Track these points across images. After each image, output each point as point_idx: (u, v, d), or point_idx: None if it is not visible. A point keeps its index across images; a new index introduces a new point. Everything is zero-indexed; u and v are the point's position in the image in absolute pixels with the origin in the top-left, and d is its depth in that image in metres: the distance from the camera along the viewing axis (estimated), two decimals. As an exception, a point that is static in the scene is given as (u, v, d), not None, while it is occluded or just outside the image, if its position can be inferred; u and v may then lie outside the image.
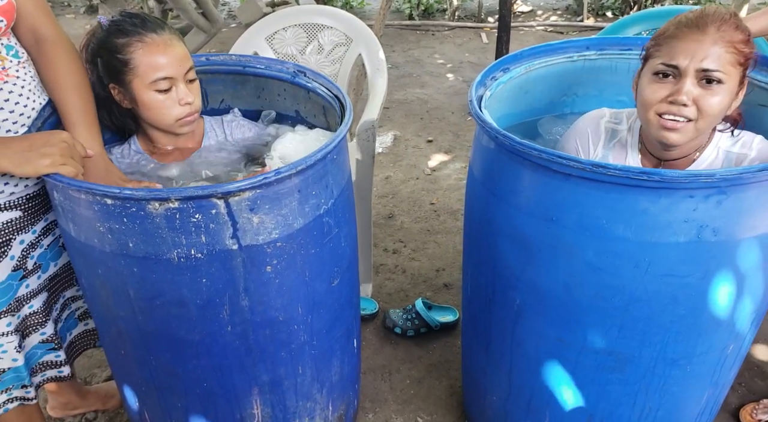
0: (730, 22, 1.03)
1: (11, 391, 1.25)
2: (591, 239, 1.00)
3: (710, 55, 1.01)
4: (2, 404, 1.24)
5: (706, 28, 1.02)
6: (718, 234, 0.95)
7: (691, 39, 1.02)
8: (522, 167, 1.04)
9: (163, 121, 1.23)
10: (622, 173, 0.90)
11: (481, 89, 1.23)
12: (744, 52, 1.03)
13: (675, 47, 1.04)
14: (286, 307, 1.13)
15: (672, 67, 1.04)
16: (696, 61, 1.02)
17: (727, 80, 1.02)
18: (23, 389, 1.27)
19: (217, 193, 0.95)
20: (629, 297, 1.03)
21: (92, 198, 0.96)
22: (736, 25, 1.03)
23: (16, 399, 1.27)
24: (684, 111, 1.03)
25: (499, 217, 1.13)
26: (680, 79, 1.03)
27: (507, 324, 1.23)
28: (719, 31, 1.02)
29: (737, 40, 1.03)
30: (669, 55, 1.04)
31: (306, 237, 1.10)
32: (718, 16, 1.03)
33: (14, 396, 1.26)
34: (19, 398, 1.27)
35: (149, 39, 1.18)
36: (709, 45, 1.01)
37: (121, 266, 1.02)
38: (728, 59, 1.02)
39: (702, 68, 1.02)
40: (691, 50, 1.02)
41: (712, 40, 1.01)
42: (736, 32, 1.03)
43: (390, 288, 2.24)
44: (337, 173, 1.16)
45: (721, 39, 1.01)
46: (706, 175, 0.88)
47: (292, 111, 1.48)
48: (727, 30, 1.02)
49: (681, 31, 1.04)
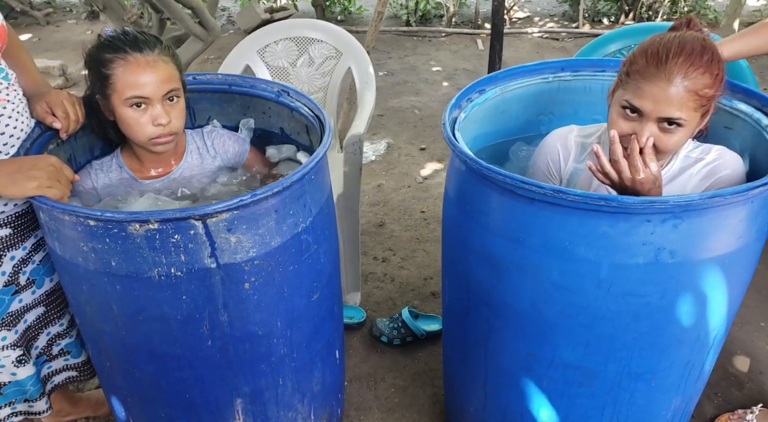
0: (698, 64, 1.03)
1: (14, 405, 1.29)
2: (555, 260, 1.04)
3: (673, 105, 1.04)
4: (5, 418, 1.28)
5: (672, 77, 1.03)
6: (675, 256, 0.99)
7: (657, 85, 1.04)
8: (490, 190, 1.08)
9: (136, 137, 1.26)
10: (580, 199, 0.94)
11: (456, 111, 1.27)
12: (708, 95, 1.05)
13: (641, 89, 1.06)
14: (265, 322, 1.18)
15: (637, 108, 1.07)
16: (658, 110, 1.05)
17: (687, 123, 1.06)
18: (26, 403, 1.30)
19: (195, 214, 0.99)
20: (593, 315, 1.07)
21: (75, 219, 1.00)
22: (705, 67, 1.04)
23: (20, 413, 1.30)
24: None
25: (471, 237, 1.17)
26: (643, 121, 1.07)
27: (481, 338, 1.27)
28: (685, 79, 1.03)
29: (702, 86, 1.04)
30: (634, 95, 1.07)
31: (284, 254, 1.14)
32: (688, 60, 1.03)
33: (17, 411, 1.30)
34: (23, 412, 1.31)
35: (132, 58, 1.21)
36: (673, 95, 1.03)
37: (104, 283, 1.07)
38: (690, 106, 1.04)
39: (664, 117, 1.05)
40: (655, 97, 1.04)
41: (675, 91, 1.03)
42: (702, 77, 1.04)
43: (378, 296, 2.28)
44: (315, 192, 1.20)
45: (685, 89, 1.03)
46: (660, 201, 0.92)
47: (276, 128, 1.52)
48: (692, 77, 1.03)
49: (648, 72, 1.05)
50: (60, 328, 1.35)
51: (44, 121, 1.21)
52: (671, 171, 1.18)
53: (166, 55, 1.27)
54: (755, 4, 5.62)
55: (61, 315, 1.34)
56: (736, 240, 1.01)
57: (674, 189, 1.19)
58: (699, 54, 1.04)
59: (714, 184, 1.14)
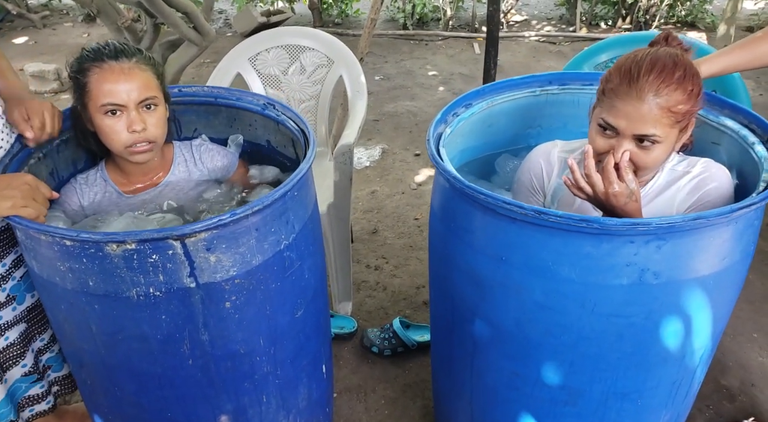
0: (671, 81, 1.03)
1: None
2: (539, 279, 1.03)
3: (646, 123, 1.04)
4: None
5: (644, 95, 1.03)
6: (659, 277, 0.98)
7: (630, 104, 1.04)
8: (473, 208, 1.07)
9: (112, 146, 1.25)
10: (562, 220, 0.93)
11: (441, 126, 1.26)
12: (682, 111, 1.05)
13: (615, 107, 1.06)
14: (247, 340, 1.16)
15: (612, 127, 1.07)
16: (632, 127, 1.05)
17: (664, 139, 1.05)
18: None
19: (173, 234, 0.98)
20: (577, 335, 1.06)
21: (52, 239, 0.99)
22: (678, 83, 1.04)
23: None
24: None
25: (455, 253, 1.16)
26: (619, 138, 1.07)
27: (466, 355, 1.26)
28: (657, 97, 1.03)
29: (675, 103, 1.03)
30: (609, 114, 1.07)
31: (266, 272, 1.13)
32: (659, 77, 1.03)
33: None
34: None
35: (107, 66, 1.21)
36: (645, 113, 1.03)
37: (82, 303, 1.05)
38: (664, 123, 1.04)
39: (638, 134, 1.05)
40: (629, 115, 1.04)
41: (648, 108, 1.03)
42: (675, 93, 1.03)
43: (370, 305, 2.26)
44: (298, 209, 1.19)
45: (657, 106, 1.03)
46: (642, 223, 0.91)
47: (263, 141, 1.51)
48: (664, 94, 1.03)
49: (621, 90, 1.05)
50: (41, 344, 1.34)
51: (17, 126, 1.19)
52: (657, 185, 1.17)
53: (145, 63, 1.26)
54: (752, 8, 5.60)
55: (42, 330, 1.33)
56: (721, 261, 1.00)
57: (661, 203, 1.18)
58: (671, 70, 1.04)
59: (701, 198, 1.13)
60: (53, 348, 1.36)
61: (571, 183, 1.08)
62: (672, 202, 1.15)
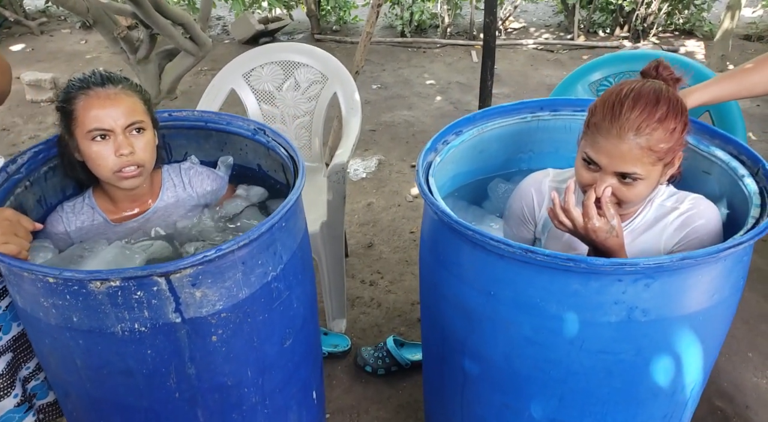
0: (650, 120, 1.02)
1: None
2: (527, 315, 1.02)
3: (627, 161, 1.03)
4: None
5: (623, 134, 1.02)
6: (648, 314, 0.97)
7: (610, 141, 1.03)
8: (462, 243, 1.06)
9: (101, 172, 1.24)
10: (549, 259, 0.92)
11: (431, 155, 1.25)
12: (664, 148, 1.04)
13: (597, 143, 1.05)
14: (234, 372, 1.15)
15: (594, 162, 1.07)
16: (613, 165, 1.04)
17: (646, 176, 1.05)
18: None
19: (158, 272, 0.97)
20: (566, 370, 1.05)
21: (34, 276, 0.98)
22: (658, 123, 1.02)
23: None
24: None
25: (444, 285, 1.15)
26: (601, 173, 1.07)
27: (457, 385, 1.25)
28: (637, 136, 1.02)
29: (656, 142, 1.02)
30: (592, 149, 1.07)
31: (253, 305, 1.12)
32: (639, 116, 1.02)
33: None
34: None
35: (93, 92, 1.22)
36: (626, 152, 1.02)
37: (66, 338, 1.05)
38: (645, 161, 1.03)
39: (618, 171, 1.05)
40: (609, 152, 1.04)
41: (628, 147, 1.02)
42: (655, 133, 1.02)
43: (364, 322, 2.25)
44: (287, 239, 1.18)
45: (637, 146, 1.02)
46: (630, 263, 0.90)
47: (254, 164, 1.50)
48: (645, 133, 1.02)
49: (603, 126, 1.04)
50: (27, 372, 1.33)
51: None
52: (645, 220, 1.16)
53: (131, 90, 1.27)
54: (750, 16, 5.60)
55: (28, 359, 1.32)
56: (710, 298, 0.99)
57: (649, 239, 1.17)
58: (652, 109, 1.03)
59: (689, 234, 1.12)
60: (38, 375, 1.35)
61: (552, 215, 1.08)
62: (659, 238, 1.15)
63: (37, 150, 1.29)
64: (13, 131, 3.87)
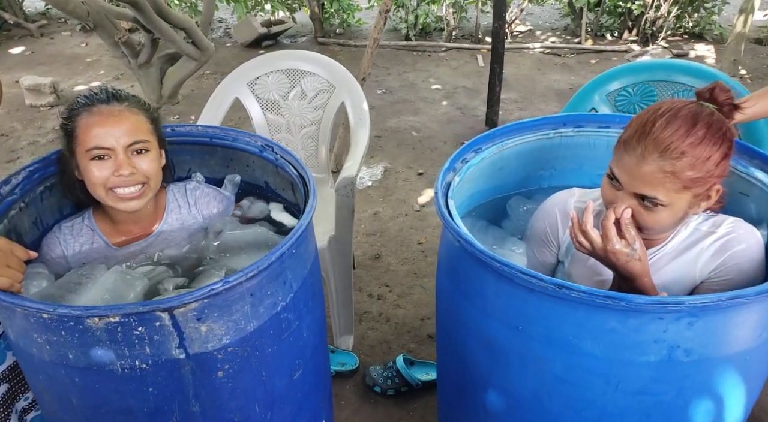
0: (678, 144, 0.93)
1: None
2: (559, 352, 0.95)
3: (647, 184, 0.95)
4: None
5: (647, 155, 0.94)
6: (690, 354, 0.89)
7: (633, 160, 0.96)
8: (486, 273, 0.99)
9: (96, 192, 1.17)
10: (585, 296, 0.85)
11: (450, 175, 1.17)
12: (691, 177, 0.94)
13: (621, 159, 0.98)
14: (241, 408, 1.08)
15: (616, 178, 0.99)
16: (632, 185, 0.97)
17: (669, 203, 0.96)
18: None
19: (160, 307, 0.90)
20: (600, 411, 0.98)
21: (27, 311, 0.91)
22: (688, 149, 0.92)
23: None
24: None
25: (466, 316, 1.08)
26: (622, 193, 1.00)
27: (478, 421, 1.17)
28: (662, 159, 0.94)
29: (682, 169, 0.93)
30: (616, 165, 1.00)
31: (261, 337, 1.04)
32: (668, 138, 0.93)
33: None
34: None
35: (96, 109, 1.15)
36: (647, 173, 0.95)
37: (61, 375, 0.97)
38: (670, 188, 0.95)
39: (637, 193, 0.97)
40: (631, 172, 0.97)
41: (649, 170, 0.94)
42: (684, 158, 0.93)
43: (372, 339, 2.18)
44: (297, 266, 1.11)
45: (660, 169, 0.94)
46: (674, 302, 0.82)
47: (261, 182, 1.43)
48: (671, 158, 0.93)
49: (631, 143, 0.97)
50: (25, 403, 1.26)
51: None
52: (678, 245, 1.09)
53: (138, 107, 1.20)
54: (762, 19, 5.52)
55: (26, 390, 1.25)
56: (757, 337, 0.92)
57: (682, 265, 1.09)
58: (685, 132, 0.94)
59: (726, 261, 1.05)
60: (38, 406, 1.28)
61: (571, 235, 1.03)
62: (694, 265, 1.07)
63: (32, 169, 1.22)
64: (11, 136, 3.80)
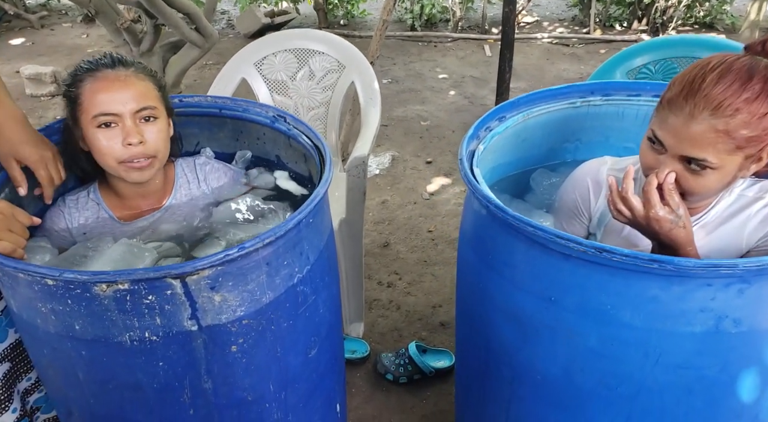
0: (733, 99, 0.85)
1: None
2: (594, 324, 0.89)
3: (696, 145, 0.88)
4: None
5: (697, 113, 0.87)
6: (739, 325, 0.83)
7: (680, 119, 0.89)
8: (516, 240, 0.93)
9: (106, 162, 1.12)
10: (628, 260, 0.79)
11: (474, 143, 1.12)
12: (746, 136, 0.87)
13: (666, 121, 0.91)
14: (255, 386, 1.02)
15: (659, 140, 0.93)
16: (679, 147, 0.90)
17: (718, 166, 0.90)
18: None
19: (172, 273, 0.84)
20: (638, 387, 0.92)
21: (31, 278, 0.85)
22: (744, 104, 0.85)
23: None
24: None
25: (492, 289, 1.02)
26: (665, 156, 0.93)
27: (501, 401, 1.12)
28: (713, 118, 0.86)
29: (736, 127, 0.86)
30: (659, 127, 0.93)
31: (277, 310, 0.99)
32: (721, 94, 0.86)
33: None
34: None
35: (101, 74, 1.10)
36: (697, 133, 0.88)
37: (67, 348, 0.92)
38: (721, 148, 0.88)
39: (685, 155, 0.90)
40: (678, 133, 0.89)
41: (700, 129, 0.87)
42: (738, 115, 0.86)
43: (383, 326, 2.12)
44: (313, 237, 1.05)
45: (711, 128, 0.87)
46: (726, 265, 0.76)
47: (272, 155, 1.37)
48: (724, 115, 0.86)
49: (677, 102, 0.90)
50: (28, 384, 1.20)
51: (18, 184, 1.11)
52: (723, 212, 1.03)
53: (145, 74, 1.15)
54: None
55: (28, 369, 1.19)
56: (811, 306, 0.86)
57: (725, 234, 1.03)
58: (741, 87, 0.86)
59: None
60: (41, 387, 1.23)
61: (610, 203, 0.96)
62: (741, 232, 1.01)
63: (34, 137, 1.16)
64: (13, 126, 3.74)
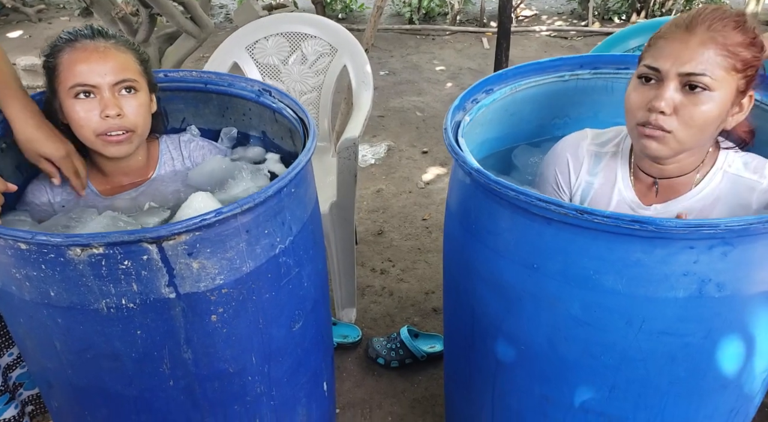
0: (728, 20, 0.90)
1: None
2: (577, 290, 0.88)
3: (695, 58, 0.89)
4: None
5: (695, 28, 0.90)
6: (722, 289, 0.82)
7: (677, 39, 0.90)
8: (499, 207, 0.91)
9: (83, 134, 1.10)
10: (610, 221, 0.78)
11: (460, 114, 1.10)
12: (741, 55, 0.89)
13: (660, 49, 0.92)
14: (236, 358, 1.01)
15: (654, 70, 0.92)
16: (679, 64, 0.90)
17: (716, 87, 0.90)
18: None
19: (147, 237, 0.83)
20: (621, 355, 0.91)
21: (3, 242, 0.84)
22: (737, 25, 0.90)
23: None
24: (660, 120, 0.91)
25: (476, 259, 1.01)
26: (661, 84, 0.92)
27: (488, 375, 1.11)
28: (709, 30, 0.89)
29: (733, 42, 0.89)
30: (653, 57, 0.93)
31: (258, 280, 0.98)
32: (714, 14, 0.90)
33: None
34: None
35: (80, 44, 1.08)
36: (696, 46, 0.89)
37: (43, 316, 0.91)
38: (718, 63, 0.89)
39: (684, 72, 0.90)
40: (675, 52, 0.90)
41: (699, 41, 0.89)
42: (733, 32, 0.89)
43: (375, 312, 2.11)
44: (296, 208, 1.04)
45: (710, 40, 0.89)
46: (708, 225, 0.75)
47: (258, 132, 1.36)
48: (720, 29, 0.89)
49: (670, 31, 0.92)
50: (9, 359, 1.19)
51: (51, 176, 1.14)
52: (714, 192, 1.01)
53: (126, 46, 1.13)
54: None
55: (10, 345, 1.18)
56: (797, 271, 0.84)
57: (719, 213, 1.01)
58: (730, 14, 0.91)
59: None
60: (24, 363, 1.22)
61: None
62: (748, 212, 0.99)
63: (15, 108, 1.15)
64: (8, 117, 3.73)
